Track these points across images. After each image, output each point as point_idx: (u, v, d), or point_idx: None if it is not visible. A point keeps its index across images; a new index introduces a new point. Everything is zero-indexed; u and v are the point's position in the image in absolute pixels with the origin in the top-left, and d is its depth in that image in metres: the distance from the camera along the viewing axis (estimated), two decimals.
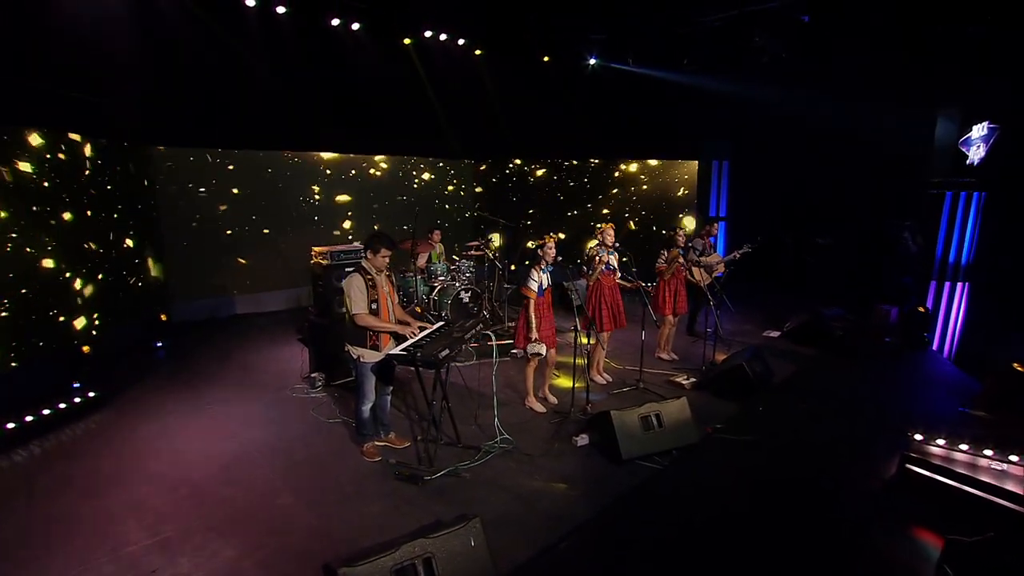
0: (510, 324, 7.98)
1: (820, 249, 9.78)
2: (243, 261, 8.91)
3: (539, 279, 5.27)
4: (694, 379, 6.19)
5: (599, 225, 6.02)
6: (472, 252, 8.23)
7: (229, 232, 8.76)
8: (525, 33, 10.40)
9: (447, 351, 4.15)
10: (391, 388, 4.84)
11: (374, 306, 4.40)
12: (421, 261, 8.06)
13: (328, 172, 9.83)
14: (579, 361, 5.81)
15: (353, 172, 10.16)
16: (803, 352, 7.30)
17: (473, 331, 4.58)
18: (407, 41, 9.58)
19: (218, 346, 7.46)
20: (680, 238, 6.67)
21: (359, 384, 4.54)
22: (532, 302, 5.28)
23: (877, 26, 7.92)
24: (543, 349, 5.27)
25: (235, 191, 8.79)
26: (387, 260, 4.46)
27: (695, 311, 7.86)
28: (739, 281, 8.72)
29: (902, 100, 8.05)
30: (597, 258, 5.85)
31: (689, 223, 10.28)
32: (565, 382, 6.25)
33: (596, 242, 6.01)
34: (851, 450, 4.79)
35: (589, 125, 10.78)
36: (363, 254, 4.50)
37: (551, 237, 5.38)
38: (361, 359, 4.45)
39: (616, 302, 6.00)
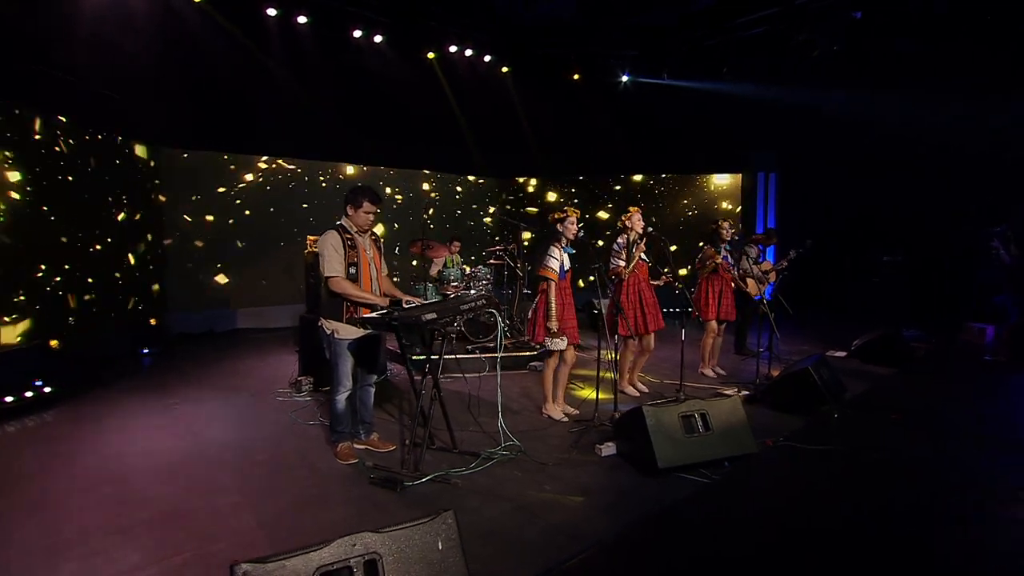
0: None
1: (886, 267, 8.65)
2: (250, 273, 8.44)
3: (560, 257, 4.48)
4: (747, 392, 5.15)
5: (629, 208, 5.20)
6: (493, 260, 7.49)
7: (240, 244, 8.34)
8: (553, 51, 10.17)
9: (434, 315, 3.34)
10: (375, 378, 4.04)
11: (353, 271, 3.68)
12: (434, 270, 7.39)
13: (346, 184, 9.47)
14: (605, 374, 4.85)
15: (385, 186, 9.77)
16: (877, 372, 6.14)
17: (474, 303, 3.75)
18: (431, 56, 9.34)
19: (209, 354, 6.84)
20: (725, 231, 5.78)
21: (333, 366, 3.76)
22: (552, 285, 4.45)
23: (941, 14, 7.17)
24: (563, 344, 4.39)
25: (249, 200, 8.44)
26: (371, 218, 3.77)
27: (744, 326, 6.85)
28: (790, 303, 7.70)
29: (976, 91, 7.14)
30: (634, 245, 4.99)
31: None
32: (589, 393, 5.30)
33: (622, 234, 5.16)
34: (967, 473, 3.65)
35: (622, 142, 10.22)
36: (344, 211, 3.81)
37: (573, 211, 4.60)
38: (335, 335, 3.69)
39: (652, 298, 5.12)
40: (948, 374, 5.89)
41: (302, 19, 7.93)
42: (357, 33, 8.51)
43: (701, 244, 5.88)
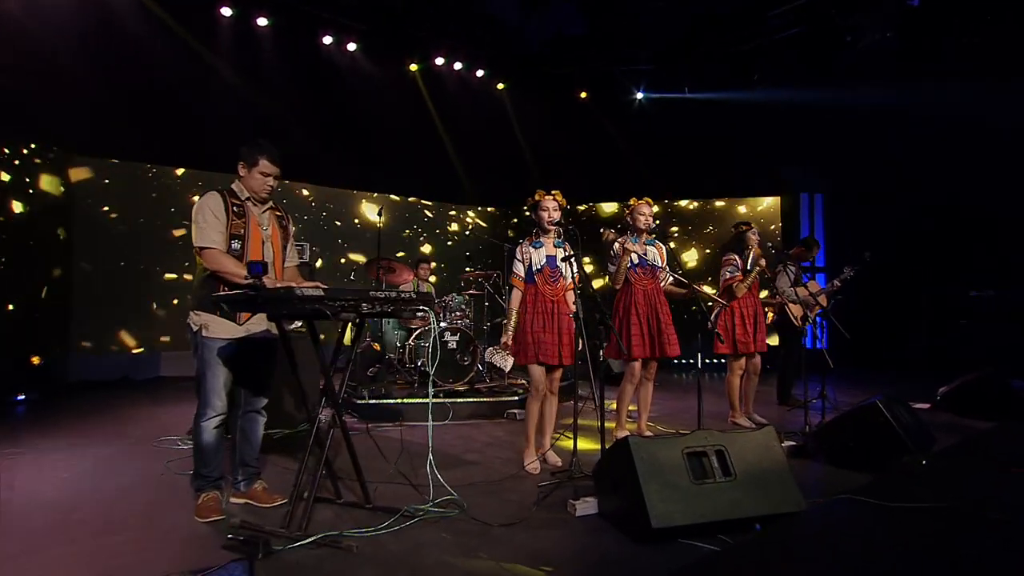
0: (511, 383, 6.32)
1: (976, 305, 7.71)
2: (183, 311, 7.82)
3: (526, 257, 3.80)
4: (792, 442, 4.21)
5: (632, 201, 4.51)
6: (472, 283, 6.80)
7: (170, 276, 7.76)
8: (558, 67, 9.99)
9: (320, 292, 2.62)
10: (266, 401, 3.28)
11: (236, 245, 3.02)
12: None
13: (313, 205, 9.04)
14: (580, 422, 4.01)
15: (342, 209, 9.33)
16: (975, 425, 5.14)
17: (397, 295, 3.01)
18: (413, 67, 9.16)
19: (107, 402, 6.08)
20: (754, 239, 5.02)
21: (199, 378, 3.03)
22: (515, 292, 3.78)
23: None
24: (508, 364, 3.62)
25: (184, 221, 7.93)
26: (271, 183, 3.15)
27: (788, 368, 5.94)
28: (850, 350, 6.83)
29: None
30: (617, 244, 4.29)
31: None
32: (588, 445, 4.45)
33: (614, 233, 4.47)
34: None
35: (637, 166, 9.77)
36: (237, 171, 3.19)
37: (553, 194, 3.95)
38: (204, 331, 2.99)
39: (657, 315, 4.31)
40: None
41: (262, 21, 7.83)
42: (327, 39, 8.39)
43: (729, 256, 5.09)
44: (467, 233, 10.63)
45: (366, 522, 2.89)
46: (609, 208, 10.16)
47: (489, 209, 11.25)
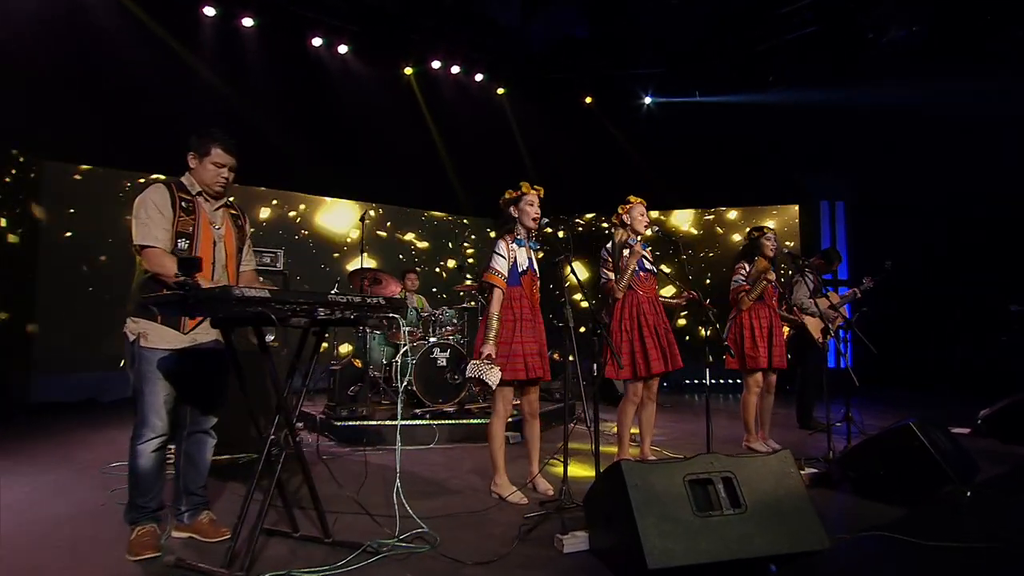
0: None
1: (1017, 319, 7.36)
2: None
3: (510, 255, 3.54)
4: (814, 470, 3.90)
5: (629, 199, 4.29)
6: (465, 296, 6.55)
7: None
8: (561, 71, 9.86)
9: (265, 294, 2.37)
10: (215, 420, 3.03)
11: (183, 244, 2.80)
12: None
13: (297, 213, 8.88)
14: (570, 446, 3.76)
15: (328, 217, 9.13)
16: (1022, 453, 4.79)
17: (361, 299, 2.76)
18: (408, 71, 9.03)
19: (65, 425, 5.83)
20: (769, 245, 4.77)
21: (136, 394, 2.80)
22: (497, 293, 3.49)
23: None
24: (495, 377, 3.35)
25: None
26: (225, 175, 2.93)
27: (808, 388, 5.62)
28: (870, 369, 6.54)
29: None
30: (626, 251, 4.05)
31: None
32: (581, 471, 4.17)
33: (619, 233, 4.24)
34: None
35: (645, 175, 9.56)
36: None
37: (534, 188, 3.73)
38: (142, 340, 2.75)
39: (664, 326, 4.07)
40: None
41: (247, 21, 7.72)
42: (317, 41, 8.29)
43: (741, 264, 4.83)
44: (465, 245, 10.45)
45: (322, 559, 2.63)
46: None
47: (486, 219, 11.05)
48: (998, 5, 6.68)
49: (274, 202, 8.76)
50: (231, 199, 3.13)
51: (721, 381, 8.77)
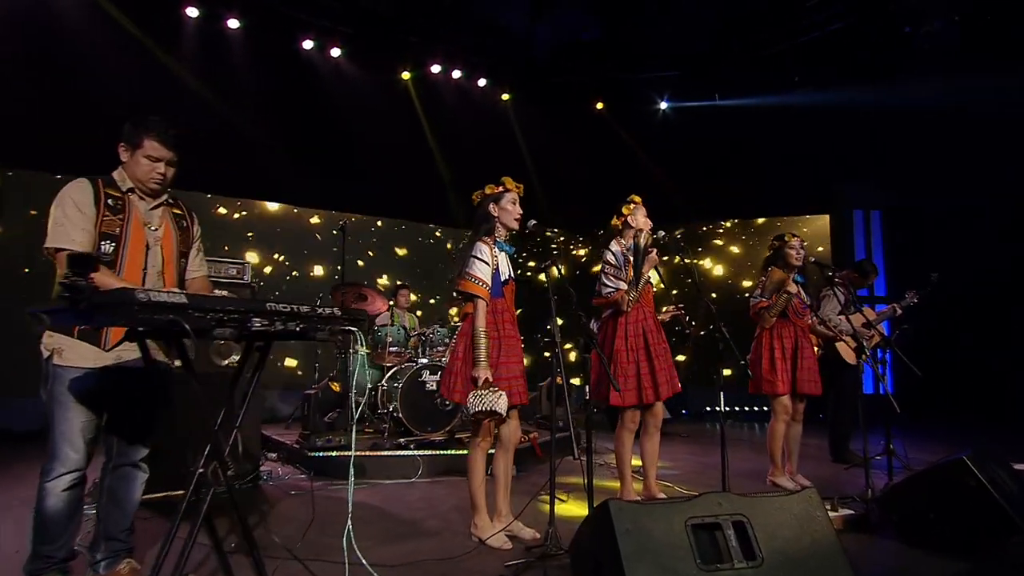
0: None
1: None
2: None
3: (492, 260, 3.24)
4: (850, 511, 3.51)
5: (633, 199, 4.02)
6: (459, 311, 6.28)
7: None
8: (570, 76, 9.71)
9: (182, 299, 2.08)
10: (145, 452, 2.74)
11: (108, 248, 2.54)
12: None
13: (277, 229, 8.65)
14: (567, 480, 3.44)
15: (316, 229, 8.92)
16: None
17: (332, 316, 2.49)
18: (405, 76, 8.88)
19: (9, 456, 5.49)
20: (793, 254, 4.42)
21: (48, 421, 2.51)
22: (482, 307, 3.17)
23: None
24: (503, 404, 3.03)
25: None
26: (161, 171, 2.67)
27: (843, 416, 5.22)
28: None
29: None
30: (649, 253, 3.75)
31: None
32: (575, 509, 3.83)
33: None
34: None
35: (661, 184, 9.35)
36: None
37: (515, 186, 3.45)
38: (56, 357, 2.48)
39: (664, 344, 3.78)
40: None
41: (233, 23, 7.61)
42: (308, 44, 8.18)
43: (764, 275, 4.50)
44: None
45: None
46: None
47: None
48: None
49: (258, 213, 8.55)
50: (171, 198, 2.88)
51: (747, 408, 8.37)
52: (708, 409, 8.54)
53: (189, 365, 2.46)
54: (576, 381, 7.52)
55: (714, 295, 9.21)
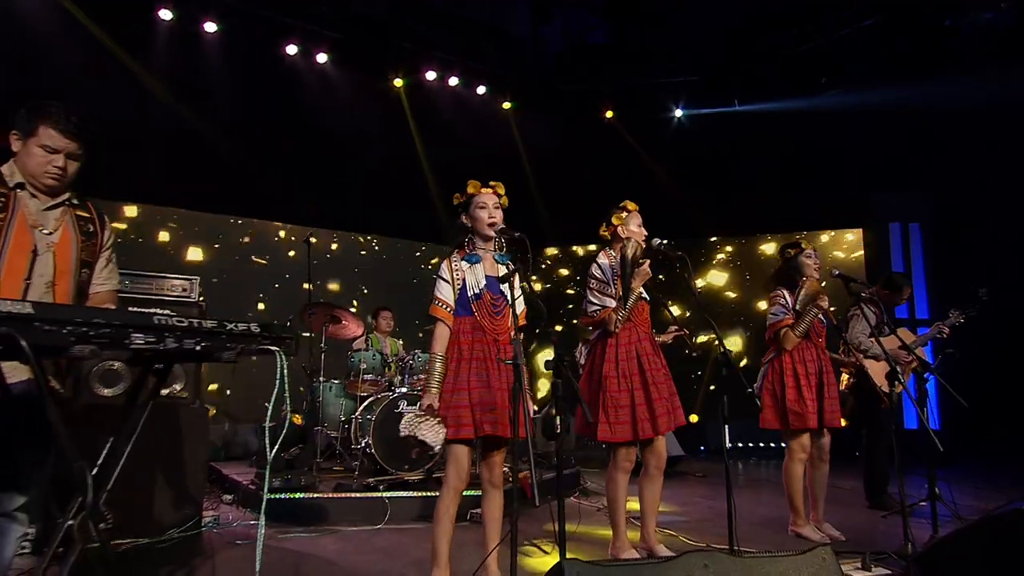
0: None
1: None
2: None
3: (455, 277, 2.97)
4: (885, 570, 3.11)
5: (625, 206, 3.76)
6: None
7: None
8: (577, 81, 9.66)
9: (107, 330, 1.79)
10: (24, 499, 2.42)
11: None
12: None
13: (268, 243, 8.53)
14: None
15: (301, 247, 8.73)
16: None
17: (248, 334, 2.20)
18: (398, 83, 8.76)
19: None
20: (811, 264, 4.08)
21: None
22: (439, 329, 2.92)
23: None
24: (436, 436, 2.77)
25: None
26: (58, 164, 2.40)
27: (878, 454, 4.79)
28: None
29: None
30: (640, 265, 3.47)
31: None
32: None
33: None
34: None
35: (677, 197, 9.26)
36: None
37: (492, 186, 3.19)
38: None
39: (664, 370, 3.48)
40: None
41: (210, 27, 7.53)
42: (291, 49, 8.11)
43: (778, 291, 4.14)
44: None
45: None
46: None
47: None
48: None
49: (232, 231, 8.41)
50: (75, 198, 2.60)
51: (771, 444, 7.97)
52: (731, 445, 8.17)
53: (42, 392, 2.13)
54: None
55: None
